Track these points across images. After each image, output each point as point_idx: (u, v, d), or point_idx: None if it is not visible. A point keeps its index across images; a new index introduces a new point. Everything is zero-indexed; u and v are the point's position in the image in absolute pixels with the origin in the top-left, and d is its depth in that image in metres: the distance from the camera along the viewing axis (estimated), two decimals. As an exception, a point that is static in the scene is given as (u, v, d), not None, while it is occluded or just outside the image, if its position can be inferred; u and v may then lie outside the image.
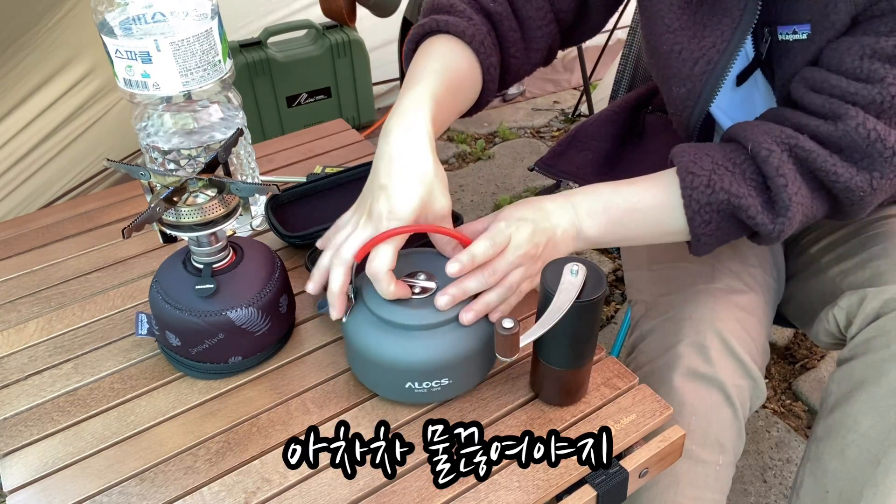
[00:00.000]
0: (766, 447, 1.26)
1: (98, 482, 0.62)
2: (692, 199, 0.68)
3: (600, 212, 0.70)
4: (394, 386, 0.66)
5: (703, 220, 0.69)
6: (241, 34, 1.98)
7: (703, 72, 0.77)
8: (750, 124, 0.70)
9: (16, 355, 0.75)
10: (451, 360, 0.64)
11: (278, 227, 0.88)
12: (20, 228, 0.95)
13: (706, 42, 0.76)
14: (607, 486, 0.63)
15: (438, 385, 0.66)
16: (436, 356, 0.64)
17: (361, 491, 0.61)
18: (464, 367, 0.66)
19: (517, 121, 2.32)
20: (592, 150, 1.01)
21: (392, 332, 0.64)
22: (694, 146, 0.71)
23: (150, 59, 0.72)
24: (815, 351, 1.47)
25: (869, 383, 0.70)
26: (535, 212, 0.68)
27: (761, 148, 0.66)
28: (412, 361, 0.64)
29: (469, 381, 0.68)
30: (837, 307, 0.77)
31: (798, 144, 0.66)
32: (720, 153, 0.69)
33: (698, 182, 0.68)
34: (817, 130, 0.66)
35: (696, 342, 0.76)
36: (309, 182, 0.95)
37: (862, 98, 0.64)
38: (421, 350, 0.64)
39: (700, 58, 0.77)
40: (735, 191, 0.67)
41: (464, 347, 0.65)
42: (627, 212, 0.71)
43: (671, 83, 0.81)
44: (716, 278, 0.82)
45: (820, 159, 0.66)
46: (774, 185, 0.66)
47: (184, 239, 0.67)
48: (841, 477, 0.71)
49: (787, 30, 0.70)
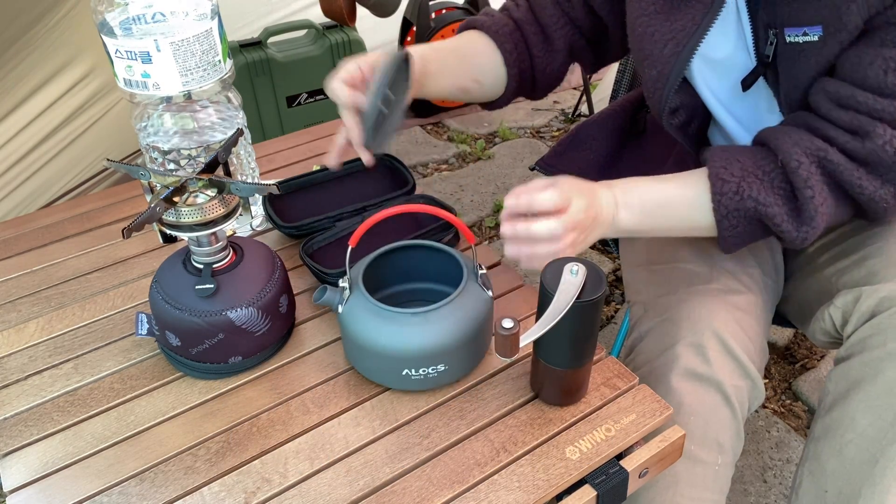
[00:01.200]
0: (766, 447, 1.26)
1: (98, 482, 0.62)
2: (721, 204, 0.71)
3: (636, 205, 0.74)
4: (391, 373, 0.67)
5: (730, 223, 0.72)
6: (241, 34, 1.97)
7: (672, 54, 0.79)
8: (781, 131, 0.72)
9: (16, 355, 0.75)
10: (447, 345, 0.65)
11: (275, 217, 0.89)
12: (20, 228, 0.95)
13: (677, 25, 0.78)
14: (607, 486, 0.63)
15: (435, 371, 0.66)
16: (432, 341, 0.65)
17: (361, 491, 0.61)
18: (459, 352, 0.66)
19: (517, 121, 2.32)
20: (593, 149, 1.01)
21: (388, 319, 0.65)
22: (726, 150, 0.74)
23: (150, 59, 0.72)
24: (815, 351, 1.47)
25: (865, 382, 0.70)
26: (589, 190, 0.71)
27: (791, 159, 0.69)
28: (408, 348, 0.65)
29: (464, 366, 0.69)
30: (833, 306, 0.77)
31: (827, 157, 0.68)
32: (751, 160, 0.72)
33: (728, 188, 0.71)
34: (846, 146, 0.68)
35: (693, 342, 0.76)
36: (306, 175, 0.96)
37: (888, 115, 0.66)
38: (417, 336, 0.65)
39: (670, 40, 0.79)
40: (763, 199, 0.70)
41: (459, 332, 0.65)
42: (660, 206, 0.75)
43: (645, 65, 0.84)
44: (713, 279, 0.82)
45: (847, 173, 0.68)
46: (802, 196, 0.69)
47: (184, 239, 0.67)
48: (839, 476, 0.71)
49: (796, 31, 0.71)
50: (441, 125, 2.32)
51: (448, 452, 0.64)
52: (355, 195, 0.95)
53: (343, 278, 0.68)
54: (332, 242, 0.87)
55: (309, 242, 0.85)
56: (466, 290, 0.67)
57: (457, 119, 2.34)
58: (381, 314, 0.65)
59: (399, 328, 0.65)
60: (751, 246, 0.86)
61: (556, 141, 1.09)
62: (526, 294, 0.82)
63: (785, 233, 0.71)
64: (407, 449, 0.64)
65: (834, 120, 0.69)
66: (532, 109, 2.39)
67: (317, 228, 0.89)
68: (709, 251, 0.85)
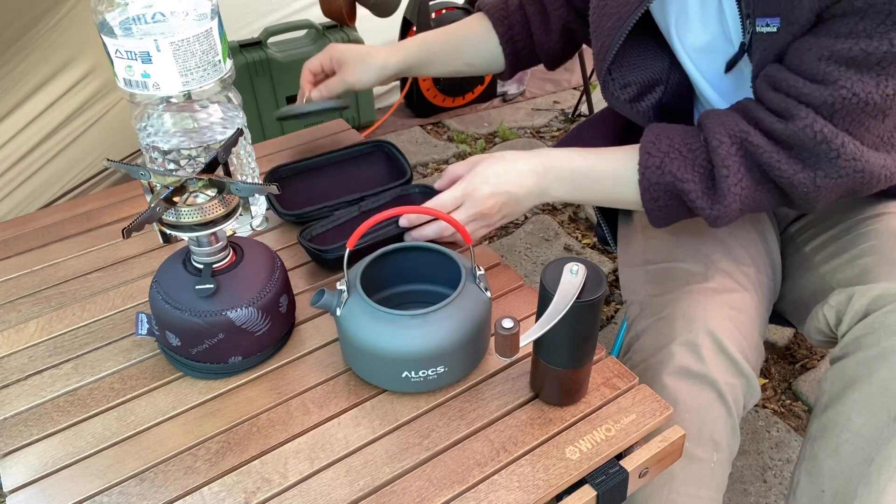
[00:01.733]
0: (766, 447, 1.26)
1: (98, 482, 0.62)
2: (644, 177, 0.76)
3: (567, 178, 0.80)
4: (390, 376, 0.67)
5: (651, 196, 0.77)
6: (241, 34, 1.97)
7: (612, 27, 0.82)
8: (716, 113, 0.75)
9: (16, 355, 0.75)
10: (446, 346, 0.65)
11: (275, 204, 0.91)
12: (20, 228, 0.95)
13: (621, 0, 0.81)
14: (607, 486, 0.63)
15: (434, 373, 0.66)
16: (431, 343, 0.65)
17: (361, 491, 0.61)
18: (458, 353, 0.66)
19: (517, 121, 2.32)
20: None
21: (386, 321, 0.65)
22: (661, 127, 0.79)
23: (150, 59, 0.72)
24: (815, 351, 1.47)
25: (860, 382, 0.70)
26: (505, 173, 0.79)
27: (713, 137, 0.73)
28: (407, 350, 0.65)
29: (464, 368, 0.69)
30: (827, 305, 0.77)
31: (748, 139, 0.71)
32: (679, 136, 0.76)
33: (652, 162, 0.76)
34: (770, 127, 0.71)
35: (688, 341, 0.76)
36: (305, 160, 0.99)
37: (814, 99, 0.68)
38: (416, 338, 0.64)
39: (613, 14, 0.82)
40: (681, 175, 0.74)
41: (458, 334, 0.65)
42: (591, 179, 0.80)
43: (594, 38, 0.88)
44: (709, 278, 0.82)
45: (766, 155, 0.71)
46: (718, 174, 0.73)
47: (184, 239, 0.67)
48: (836, 475, 0.71)
49: (761, 22, 0.73)
50: (441, 125, 2.32)
51: (448, 452, 0.64)
52: (354, 184, 0.97)
53: (341, 281, 0.68)
54: (330, 229, 0.89)
55: (307, 229, 0.87)
56: (465, 291, 0.67)
57: (457, 119, 2.34)
58: (380, 316, 0.65)
59: (397, 330, 0.65)
60: (747, 245, 0.87)
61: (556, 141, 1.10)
62: (526, 294, 0.82)
63: (699, 210, 0.75)
64: (407, 449, 0.64)
65: (765, 102, 0.72)
66: (532, 109, 2.39)
67: (316, 216, 0.91)
68: (704, 251, 0.85)
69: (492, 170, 0.79)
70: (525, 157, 0.80)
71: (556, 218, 1.88)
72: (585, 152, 0.81)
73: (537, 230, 1.83)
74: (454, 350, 0.66)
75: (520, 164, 0.80)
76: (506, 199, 0.79)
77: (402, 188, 0.94)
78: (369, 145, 1.03)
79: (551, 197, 0.81)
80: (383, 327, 0.65)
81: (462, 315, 0.66)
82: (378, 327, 0.65)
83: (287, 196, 0.95)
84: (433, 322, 0.65)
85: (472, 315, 0.66)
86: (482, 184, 0.78)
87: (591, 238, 1.81)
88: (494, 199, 0.79)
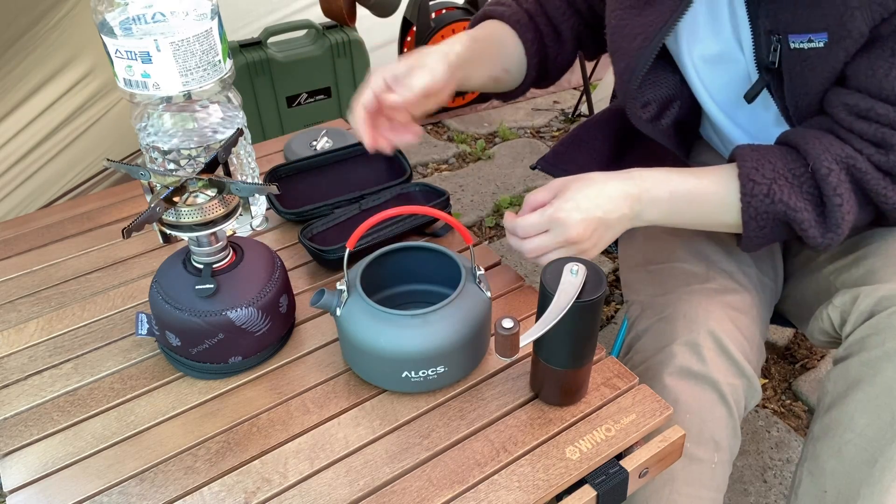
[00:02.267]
0: (766, 447, 1.26)
1: (98, 482, 0.62)
2: (750, 206, 0.72)
3: (665, 200, 0.75)
4: (390, 376, 0.67)
5: (758, 225, 0.73)
6: (241, 34, 1.97)
7: (638, 48, 0.80)
8: (811, 135, 0.72)
9: (16, 355, 0.75)
10: (446, 346, 0.65)
11: (275, 203, 0.91)
12: (20, 228, 0.95)
13: (647, 20, 0.79)
14: (607, 486, 0.63)
15: (434, 373, 0.66)
16: (431, 343, 0.64)
17: (361, 491, 0.61)
18: (458, 353, 0.66)
19: (517, 121, 2.32)
20: (595, 148, 1.01)
21: (386, 321, 0.65)
22: (756, 150, 0.74)
23: (150, 59, 0.72)
24: (815, 351, 1.47)
25: (864, 382, 0.70)
26: (596, 197, 0.73)
27: (821, 165, 0.70)
28: (407, 350, 0.65)
29: (464, 368, 0.69)
30: (832, 305, 0.77)
31: (856, 165, 0.70)
32: (781, 161, 0.72)
33: (758, 190, 0.71)
34: (871, 158, 0.70)
35: (689, 341, 0.76)
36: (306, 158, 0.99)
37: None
38: (416, 338, 0.64)
39: (638, 34, 0.80)
40: (793, 204, 0.71)
41: (458, 334, 0.65)
42: (689, 203, 0.75)
43: (615, 58, 0.85)
44: (710, 279, 0.82)
45: (874, 182, 0.70)
46: (830, 203, 0.70)
47: (184, 239, 0.67)
48: (838, 476, 0.71)
49: (801, 38, 0.71)
50: (441, 125, 2.32)
51: (448, 452, 0.64)
52: (353, 182, 0.97)
53: (341, 281, 0.68)
54: (331, 228, 0.89)
55: (307, 227, 0.87)
56: (465, 291, 0.67)
57: (457, 119, 2.34)
58: (380, 316, 0.65)
59: (398, 330, 0.65)
60: None
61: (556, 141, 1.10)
62: (526, 294, 0.82)
63: (811, 238, 0.72)
64: (407, 449, 0.64)
65: (857, 132, 0.70)
66: (532, 109, 2.39)
67: (316, 215, 0.91)
68: (705, 251, 0.85)
69: (582, 194, 0.73)
70: (616, 178, 0.75)
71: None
72: (681, 172, 0.76)
73: (537, 230, 1.83)
74: (454, 350, 0.66)
75: (611, 187, 0.74)
76: (597, 226, 0.73)
77: (402, 186, 0.94)
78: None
79: (645, 220, 0.76)
80: (383, 327, 0.65)
81: (462, 315, 0.66)
82: (378, 327, 0.65)
83: (287, 195, 0.95)
84: (433, 322, 0.65)
85: (472, 315, 0.66)
86: (573, 210, 0.72)
87: (591, 238, 1.81)
88: (585, 226, 0.72)
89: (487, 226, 1.84)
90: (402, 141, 0.80)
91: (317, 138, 1.09)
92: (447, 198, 0.91)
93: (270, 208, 0.94)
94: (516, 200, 1.92)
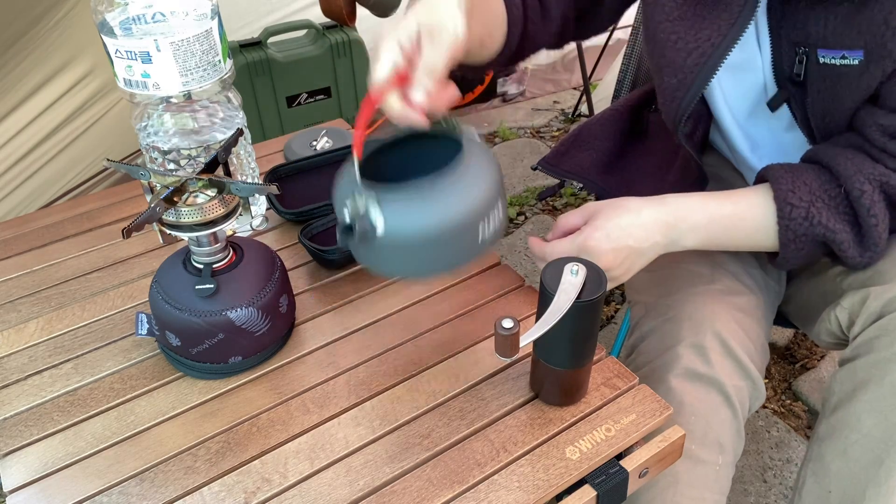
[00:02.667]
0: (766, 447, 1.26)
1: (98, 482, 0.62)
2: (789, 230, 0.72)
3: (703, 226, 0.74)
4: (469, 243, 0.60)
5: (796, 247, 0.73)
6: (241, 34, 1.97)
7: (695, 63, 0.77)
8: (840, 154, 0.72)
9: (16, 355, 0.75)
10: (493, 177, 0.60)
11: (275, 203, 0.92)
12: (20, 228, 0.95)
13: (702, 35, 0.76)
14: (607, 486, 0.63)
15: (498, 212, 0.60)
16: (483, 179, 0.59)
17: (361, 491, 0.61)
18: (500, 186, 0.61)
19: (517, 121, 2.32)
20: (595, 149, 1.01)
21: (436, 193, 0.58)
22: (788, 170, 0.73)
23: (150, 59, 0.72)
24: (815, 351, 1.47)
25: (872, 383, 0.70)
26: (628, 226, 0.72)
27: (854, 187, 0.70)
28: (472, 197, 0.58)
29: (505, 211, 0.63)
30: (840, 307, 0.77)
31: (889, 182, 0.69)
32: (816, 182, 0.72)
33: (797, 214, 0.71)
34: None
35: (695, 343, 0.76)
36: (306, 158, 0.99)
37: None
38: (471, 183, 0.59)
39: (694, 49, 0.77)
40: (832, 226, 0.71)
41: (493, 165, 0.61)
42: (726, 229, 0.75)
43: (664, 73, 0.81)
44: (715, 280, 0.82)
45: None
46: (866, 223, 0.70)
47: (184, 239, 0.67)
48: (843, 477, 0.71)
49: (833, 53, 0.69)
50: (441, 125, 2.32)
51: (448, 452, 0.64)
52: None
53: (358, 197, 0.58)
54: (330, 228, 0.89)
55: (307, 227, 0.87)
56: (470, 142, 0.62)
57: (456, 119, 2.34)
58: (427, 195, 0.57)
59: (452, 190, 0.58)
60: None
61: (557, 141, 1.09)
62: (526, 294, 0.82)
63: (850, 258, 0.73)
64: (407, 449, 0.64)
65: (891, 151, 0.70)
66: (532, 109, 2.39)
67: (316, 215, 0.91)
68: (710, 252, 0.85)
69: (614, 223, 0.72)
70: (651, 205, 0.73)
71: (557, 218, 1.88)
72: (716, 197, 0.75)
73: (537, 230, 1.83)
74: (497, 181, 0.60)
75: (645, 215, 0.73)
76: (627, 254, 0.72)
77: None
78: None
79: (680, 247, 0.75)
80: (439, 198, 0.57)
81: (484, 152, 0.61)
82: (434, 205, 0.57)
83: (287, 195, 0.95)
84: (469, 168, 0.59)
85: (489, 156, 0.62)
86: (603, 239, 0.71)
87: (592, 238, 1.81)
88: (615, 255, 0.71)
89: (487, 226, 1.84)
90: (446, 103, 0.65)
91: (317, 138, 1.09)
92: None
93: (270, 208, 0.94)
94: (516, 200, 1.92)
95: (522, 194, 1.95)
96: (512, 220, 1.87)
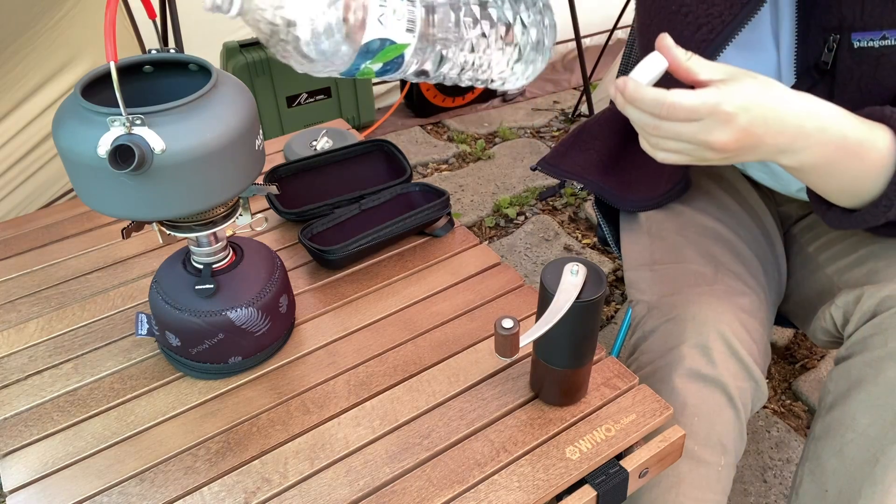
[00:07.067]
0: (766, 447, 1.26)
1: (98, 482, 0.62)
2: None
3: (834, 144, 0.63)
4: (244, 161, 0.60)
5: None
6: (241, 34, 1.97)
7: (703, 39, 0.75)
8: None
9: (16, 355, 0.75)
10: (251, 101, 0.62)
11: (275, 202, 0.92)
12: (20, 228, 0.95)
13: (714, 10, 0.74)
14: (607, 486, 0.63)
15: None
16: (246, 96, 0.61)
17: (361, 491, 0.61)
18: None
19: (517, 121, 2.32)
20: (596, 149, 1.01)
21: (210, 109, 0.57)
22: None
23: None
24: (815, 351, 1.47)
25: (867, 381, 0.70)
26: (772, 110, 0.61)
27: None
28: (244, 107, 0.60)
29: None
30: (834, 305, 0.77)
31: None
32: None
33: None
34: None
35: (698, 343, 0.76)
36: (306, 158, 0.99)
37: None
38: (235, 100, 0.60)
39: (704, 24, 0.75)
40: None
41: (245, 92, 0.62)
42: (851, 156, 0.64)
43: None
44: (718, 280, 0.81)
45: None
46: None
47: (184, 239, 0.67)
48: (840, 475, 0.71)
49: (871, 35, 0.66)
50: (441, 125, 2.32)
51: (448, 452, 0.64)
52: (353, 182, 0.97)
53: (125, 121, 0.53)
54: (330, 228, 0.89)
55: (307, 227, 0.87)
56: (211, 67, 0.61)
57: (457, 119, 2.34)
58: (198, 109, 0.56)
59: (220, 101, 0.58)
60: (753, 246, 0.86)
61: (556, 141, 1.09)
62: (526, 294, 0.82)
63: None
64: (407, 449, 0.64)
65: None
66: (532, 109, 2.39)
67: (316, 214, 0.91)
68: (713, 252, 0.85)
69: (757, 101, 0.60)
70: (797, 105, 0.62)
71: (556, 218, 1.88)
72: (852, 118, 0.64)
73: (537, 230, 1.83)
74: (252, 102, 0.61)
75: (790, 109, 0.62)
76: (749, 143, 0.61)
77: (402, 186, 0.94)
78: (369, 144, 1.03)
79: (795, 160, 0.64)
80: (213, 114, 0.57)
81: (227, 75, 0.62)
82: (210, 119, 0.56)
83: (287, 195, 0.95)
84: (224, 85, 0.60)
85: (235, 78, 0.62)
86: (741, 110, 0.59)
87: (591, 238, 1.81)
88: (739, 136, 0.60)
89: (487, 226, 1.84)
90: None
91: (317, 138, 1.09)
92: (447, 198, 0.91)
93: (270, 208, 0.94)
94: (516, 200, 1.92)
95: (522, 194, 1.95)
96: (512, 221, 1.87)
